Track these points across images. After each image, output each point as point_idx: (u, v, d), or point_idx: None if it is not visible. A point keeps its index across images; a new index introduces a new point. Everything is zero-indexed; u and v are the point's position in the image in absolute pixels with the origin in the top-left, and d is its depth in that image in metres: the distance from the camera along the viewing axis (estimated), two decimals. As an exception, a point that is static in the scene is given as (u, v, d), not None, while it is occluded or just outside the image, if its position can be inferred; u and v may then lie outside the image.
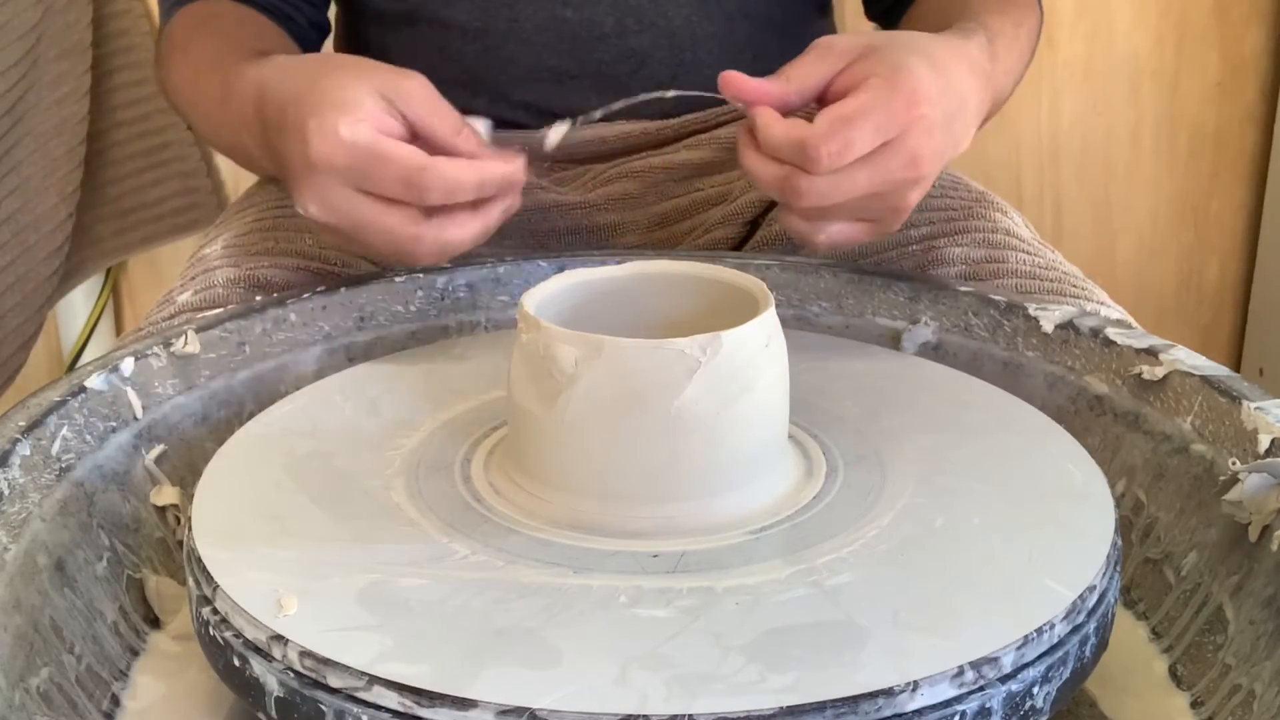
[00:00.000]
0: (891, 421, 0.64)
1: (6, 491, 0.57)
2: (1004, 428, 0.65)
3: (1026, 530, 0.55)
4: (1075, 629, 0.50)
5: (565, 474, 0.56)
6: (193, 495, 0.58)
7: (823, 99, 0.69)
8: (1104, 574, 0.52)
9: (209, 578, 0.52)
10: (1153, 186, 1.63)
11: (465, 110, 0.71)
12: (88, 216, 1.37)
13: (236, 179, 1.45)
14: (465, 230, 0.68)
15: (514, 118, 0.97)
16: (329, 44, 1.07)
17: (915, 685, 0.45)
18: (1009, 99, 0.85)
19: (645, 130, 0.96)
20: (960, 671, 0.46)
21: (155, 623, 0.62)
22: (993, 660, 0.47)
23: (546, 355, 0.55)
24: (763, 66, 0.99)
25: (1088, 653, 0.51)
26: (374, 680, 0.46)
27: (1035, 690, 0.48)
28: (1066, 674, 0.50)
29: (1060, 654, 0.49)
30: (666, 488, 0.55)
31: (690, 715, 0.44)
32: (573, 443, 0.55)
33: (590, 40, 0.94)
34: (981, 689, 0.47)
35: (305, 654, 0.47)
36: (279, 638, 0.48)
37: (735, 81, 0.69)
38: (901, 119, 0.66)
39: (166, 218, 1.42)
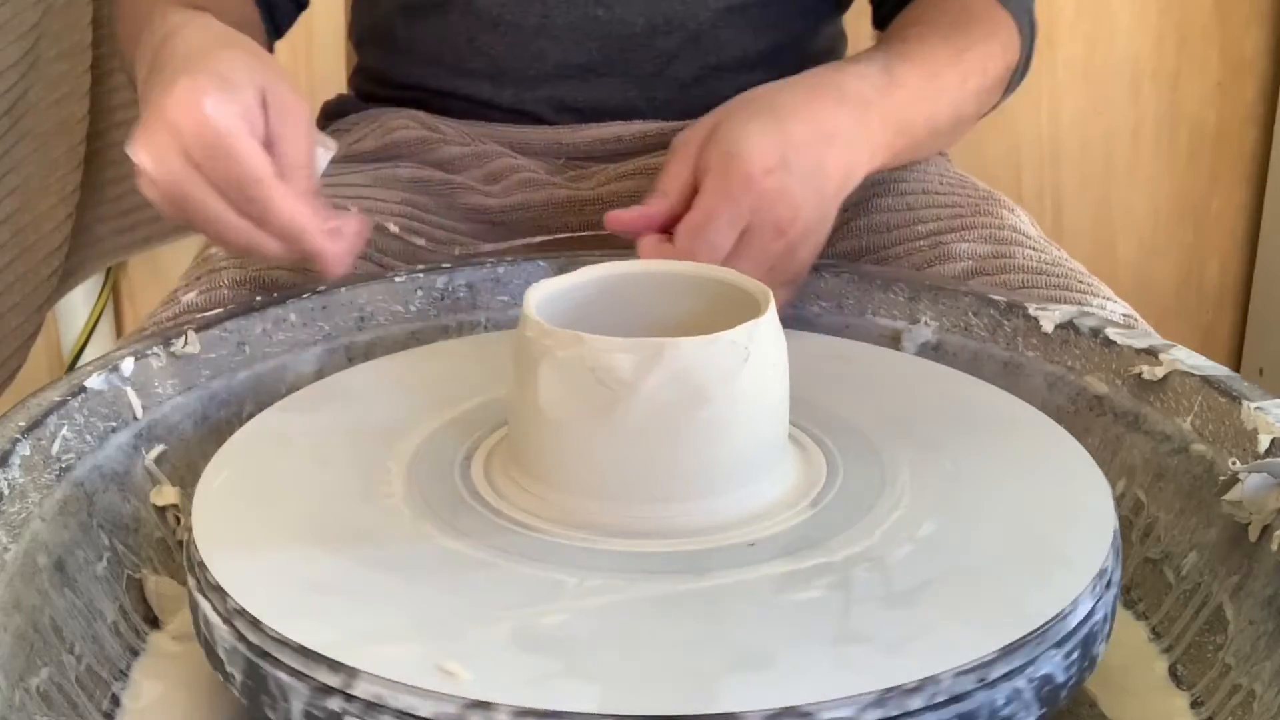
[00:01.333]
0: (892, 421, 0.64)
1: (6, 491, 0.57)
2: (1004, 428, 0.64)
3: (1026, 530, 0.55)
4: (1073, 630, 0.50)
5: (565, 474, 0.56)
6: (193, 495, 0.58)
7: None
8: (1104, 574, 0.52)
9: (209, 578, 0.52)
10: (1153, 186, 1.63)
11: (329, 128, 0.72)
12: (88, 216, 1.36)
13: (236, 179, 1.45)
14: (270, 248, 0.69)
15: (536, 110, 0.98)
16: (338, 29, 1.07)
17: (921, 685, 0.45)
18: (965, 121, 0.84)
19: (662, 130, 0.96)
20: (958, 673, 0.46)
21: (155, 623, 0.62)
22: (989, 663, 0.47)
23: (597, 365, 0.54)
24: (778, 74, 0.99)
25: (1085, 655, 0.51)
26: (373, 680, 0.46)
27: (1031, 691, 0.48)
28: (1064, 675, 0.50)
29: (1059, 654, 0.49)
30: (666, 488, 0.55)
31: (696, 715, 0.44)
32: (572, 443, 0.55)
33: (620, 39, 0.95)
34: (974, 694, 0.47)
35: (305, 654, 0.47)
36: (279, 638, 0.48)
37: (619, 219, 0.72)
38: (746, 202, 0.69)
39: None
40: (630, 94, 0.97)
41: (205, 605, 0.52)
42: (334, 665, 0.47)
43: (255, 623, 0.49)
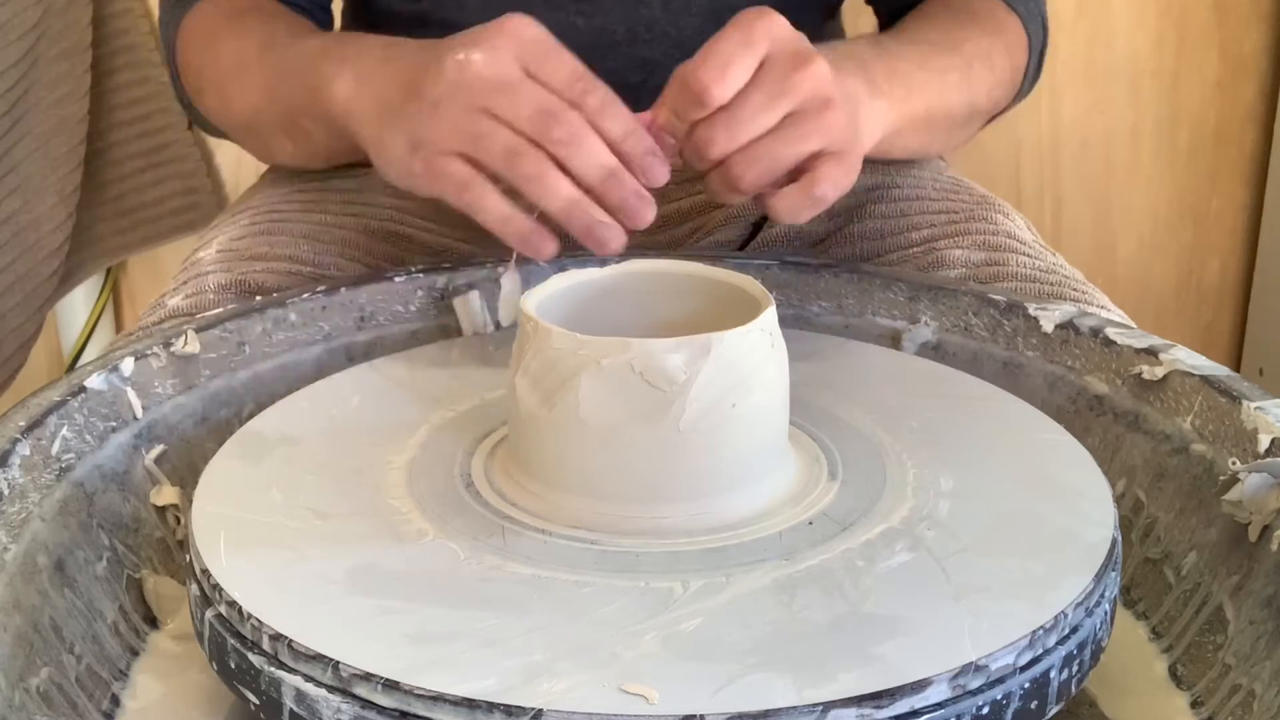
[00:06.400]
0: (891, 421, 0.64)
1: (6, 491, 0.57)
2: (1004, 428, 0.65)
3: (1026, 530, 0.55)
4: (1073, 630, 0.50)
5: (566, 475, 0.56)
6: (193, 495, 0.58)
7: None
8: (1103, 574, 0.52)
9: (209, 578, 0.52)
10: (1153, 186, 1.63)
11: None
12: (88, 216, 1.37)
13: (236, 179, 1.45)
14: (545, 246, 0.68)
15: None
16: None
17: (920, 685, 0.45)
18: (976, 113, 0.84)
19: None
20: (956, 674, 0.46)
21: (155, 623, 0.62)
22: (983, 667, 0.47)
23: (647, 369, 0.54)
24: None
25: (1086, 654, 0.51)
26: (371, 679, 0.46)
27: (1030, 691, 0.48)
28: (1064, 676, 0.50)
29: (1057, 655, 0.49)
30: (666, 489, 0.55)
31: (698, 715, 0.44)
32: (618, 451, 0.55)
33: (601, 49, 0.93)
34: (974, 693, 0.47)
35: (304, 654, 0.47)
36: (279, 637, 0.48)
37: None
38: (761, 32, 0.66)
39: (166, 218, 1.42)
40: None
41: (205, 606, 0.52)
42: (511, 710, 0.45)
43: (256, 623, 0.49)
